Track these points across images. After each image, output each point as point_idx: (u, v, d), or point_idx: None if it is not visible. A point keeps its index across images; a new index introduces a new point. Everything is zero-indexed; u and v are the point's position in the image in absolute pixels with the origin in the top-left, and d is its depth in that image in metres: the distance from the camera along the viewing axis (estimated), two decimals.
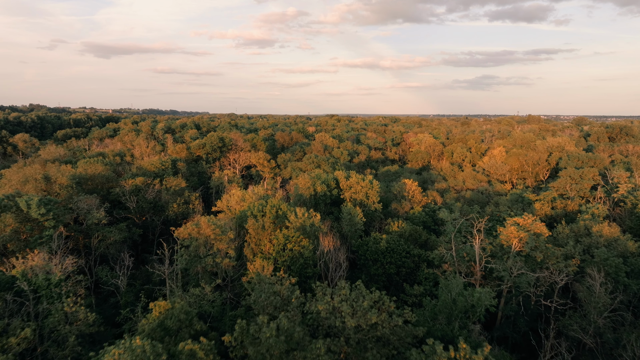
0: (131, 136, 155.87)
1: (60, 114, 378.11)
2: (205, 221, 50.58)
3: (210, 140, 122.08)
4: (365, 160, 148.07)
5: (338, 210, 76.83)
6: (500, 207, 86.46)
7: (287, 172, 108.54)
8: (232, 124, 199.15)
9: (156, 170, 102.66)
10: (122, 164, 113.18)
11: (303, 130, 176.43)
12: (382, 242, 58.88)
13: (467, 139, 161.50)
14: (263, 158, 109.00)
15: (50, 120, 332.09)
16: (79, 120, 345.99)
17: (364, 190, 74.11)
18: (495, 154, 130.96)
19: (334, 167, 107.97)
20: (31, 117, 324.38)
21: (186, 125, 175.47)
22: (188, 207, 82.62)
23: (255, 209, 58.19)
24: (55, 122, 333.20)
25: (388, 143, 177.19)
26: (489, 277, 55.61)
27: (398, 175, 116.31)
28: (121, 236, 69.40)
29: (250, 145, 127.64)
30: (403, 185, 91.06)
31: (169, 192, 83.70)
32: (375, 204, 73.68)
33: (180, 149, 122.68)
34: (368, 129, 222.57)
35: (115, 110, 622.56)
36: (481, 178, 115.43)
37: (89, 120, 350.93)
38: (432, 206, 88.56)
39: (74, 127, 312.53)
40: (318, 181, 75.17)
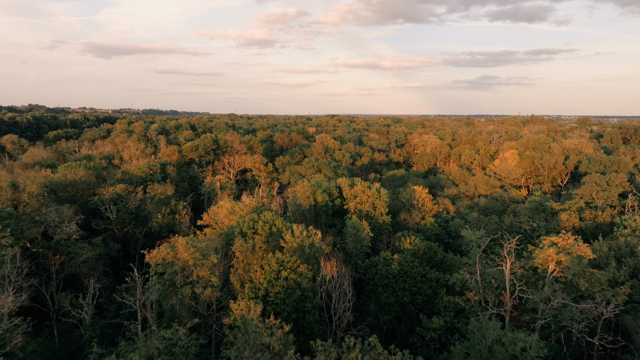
0: (122, 137, 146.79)
1: (56, 115, 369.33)
2: (182, 244, 41.45)
3: (204, 142, 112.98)
4: (368, 163, 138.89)
5: (341, 222, 67.69)
6: (521, 217, 77.30)
7: (285, 176, 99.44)
8: (229, 125, 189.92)
9: (143, 175, 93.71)
10: (108, 168, 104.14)
11: (303, 131, 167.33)
12: (393, 264, 49.72)
13: (475, 141, 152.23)
14: (259, 162, 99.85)
15: (46, 120, 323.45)
16: (76, 120, 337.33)
17: (371, 200, 64.98)
18: (507, 156, 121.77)
19: (335, 171, 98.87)
20: (27, 117, 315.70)
21: (181, 126, 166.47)
22: (174, 218, 73.54)
23: (245, 225, 49.08)
24: (51, 122, 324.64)
25: (392, 144, 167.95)
26: (521, 307, 46.59)
27: (405, 180, 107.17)
28: (94, 253, 60.34)
29: (246, 147, 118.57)
30: (412, 192, 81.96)
31: (153, 201, 74.61)
32: (383, 216, 64.54)
33: (171, 152, 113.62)
34: (370, 129, 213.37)
35: (115, 110, 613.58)
36: (494, 183, 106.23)
37: (86, 121, 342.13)
38: (445, 216, 79.49)
39: (70, 128, 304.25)
40: (319, 190, 66.05)
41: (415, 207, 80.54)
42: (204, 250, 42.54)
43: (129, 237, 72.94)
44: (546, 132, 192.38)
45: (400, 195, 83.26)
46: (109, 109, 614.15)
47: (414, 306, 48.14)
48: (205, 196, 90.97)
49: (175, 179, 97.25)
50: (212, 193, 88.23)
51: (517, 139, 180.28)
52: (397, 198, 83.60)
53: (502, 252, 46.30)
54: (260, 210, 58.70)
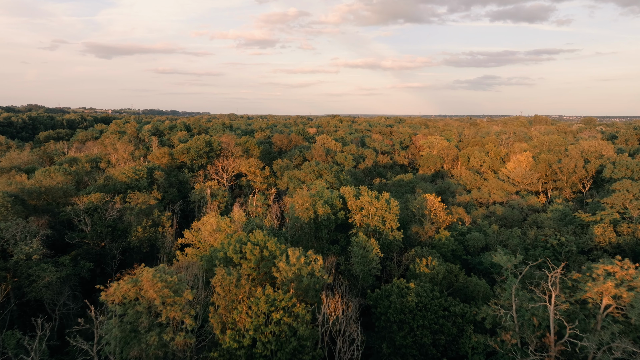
0: (112, 139, 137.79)
1: (53, 115, 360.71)
2: (148, 278, 32.51)
3: (196, 144, 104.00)
4: (372, 166, 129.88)
5: (345, 238, 58.73)
6: (545, 230, 68.28)
7: (283, 182, 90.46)
8: (226, 125, 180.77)
9: (128, 180, 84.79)
10: (92, 173, 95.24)
11: (303, 132, 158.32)
12: (410, 296, 40.72)
13: (483, 142, 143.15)
14: (255, 166, 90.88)
15: (42, 120, 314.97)
16: (73, 120, 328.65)
17: (379, 213, 55.97)
18: (521, 159, 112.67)
19: (338, 176, 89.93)
20: (22, 117, 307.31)
21: (175, 127, 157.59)
22: (157, 231, 64.58)
23: (230, 248, 40.11)
24: (47, 122, 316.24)
25: (396, 146, 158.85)
26: (568, 353, 37.63)
27: (412, 186, 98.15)
28: (59, 275, 51.41)
29: (242, 149, 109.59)
30: (424, 201, 72.97)
31: (133, 212, 65.66)
32: (394, 232, 55.52)
33: (161, 154, 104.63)
34: (373, 130, 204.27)
35: (115, 110, 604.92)
36: (509, 189, 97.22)
37: (83, 121, 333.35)
38: (460, 228, 70.48)
39: (67, 128, 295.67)
40: (319, 201, 57.06)
41: (426, 218, 71.58)
42: (177, 285, 33.57)
43: (106, 252, 64.00)
44: (556, 132, 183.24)
45: (410, 204, 74.27)
46: (109, 109, 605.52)
47: (436, 349, 39.13)
48: (196, 204, 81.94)
49: (163, 185, 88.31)
50: (202, 201, 79.29)
51: (527, 140, 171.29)
52: (407, 207, 74.62)
53: (545, 285, 37.25)
54: (251, 227, 49.71)
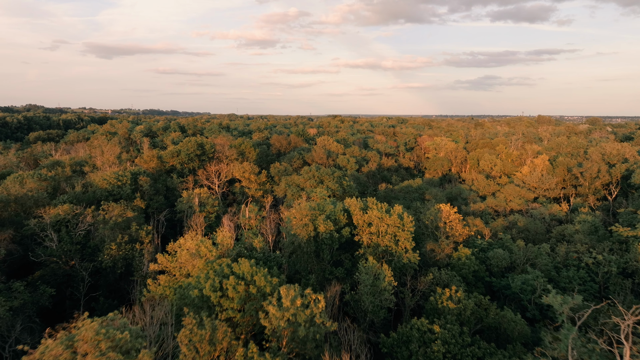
0: (101, 140, 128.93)
1: (50, 115, 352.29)
2: (89, 336, 23.63)
3: (187, 146, 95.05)
4: (376, 169, 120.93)
5: (351, 260, 49.78)
6: (578, 246, 59.32)
7: (280, 189, 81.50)
8: (222, 126, 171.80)
9: (109, 187, 76.07)
10: (73, 178, 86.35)
11: (303, 133, 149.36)
12: (435, 344, 31.78)
13: (493, 144, 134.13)
14: (249, 170, 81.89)
15: (38, 121, 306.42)
16: (69, 121, 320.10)
17: (391, 230, 47.00)
18: (537, 163, 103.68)
19: (340, 182, 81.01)
20: (17, 117, 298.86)
21: (169, 127, 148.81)
22: (134, 249, 55.60)
23: (207, 283, 31.23)
24: (43, 123, 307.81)
25: (400, 148, 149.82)
26: None
27: (421, 193, 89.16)
28: (8, 306, 42.54)
29: (237, 152, 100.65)
30: (438, 212, 64.01)
31: (107, 226, 56.71)
32: (409, 253, 46.53)
33: (149, 158, 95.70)
34: (375, 130, 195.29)
35: (114, 110, 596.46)
36: (527, 195, 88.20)
37: (80, 121, 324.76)
38: (480, 243, 61.57)
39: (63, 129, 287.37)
40: (321, 216, 48.12)
41: (441, 231, 62.66)
42: (129, 343, 24.69)
43: (76, 273, 55.06)
44: (567, 133, 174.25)
45: (422, 215, 65.28)
46: (109, 109, 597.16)
47: None
48: (185, 214, 72.86)
49: (148, 192, 79.41)
50: (189, 211, 70.34)
51: (537, 141, 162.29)
52: (418, 218, 65.64)
53: (613, 335, 28.31)
54: (238, 250, 40.73)
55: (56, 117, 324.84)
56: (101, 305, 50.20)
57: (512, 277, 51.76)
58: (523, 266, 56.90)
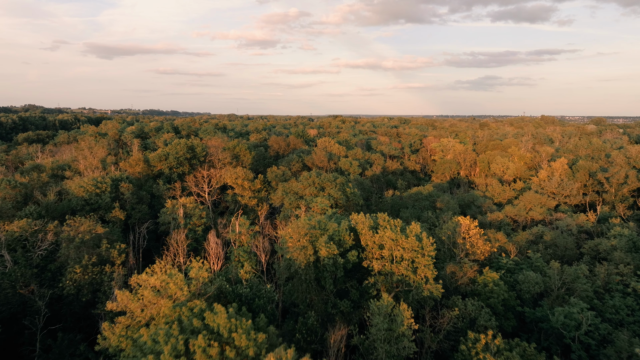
0: (89, 142, 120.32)
1: (45, 115, 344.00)
2: None
3: (175, 149, 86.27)
4: (380, 173, 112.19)
5: (357, 288, 41.01)
6: (621, 267, 50.53)
7: (277, 197, 72.75)
8: (219, 127, 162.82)
9: (86, 195, 67.53)
10: (49, 185, 77.66)
11: (303, 134, 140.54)
12: None
13: (505, 146, 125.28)
14: (242, 176, 73.07)
15: (33, 121, 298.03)
16: (66, 121, 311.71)
17: (408, 255, 38.23)
18: (556, 167, 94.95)
19: (343, 189, 72.27)
20: (12, 118, 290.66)
21: (162, 128, 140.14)
22: (103, 272, 46.79)
23: (167, 347, 22.48)
24: (39, 123, 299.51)
25: (405, 150, 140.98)
26: None
27: (432, 200, 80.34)
28: None
29: (230, 155, 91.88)
30: (456, 226, 55.30)
31: (72, 244, 47.96)
32: (429, 284, 37.71)
33: (134, 161, 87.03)
34: (378, 131, 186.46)
35: (114, 111, 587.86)
36: (548, 203, 79.38)
37: (77, 122, 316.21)
38: (506, 263, 52.86)
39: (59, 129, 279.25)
40: (322, 237, 39.36)
41: (459, 248, 53.99)
42: None
43: (34, 301, 46.26)
44: (578, 134, 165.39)
45: (437, 229, 56.53)
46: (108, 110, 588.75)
47: None
48: (172, 225, 63.91)
49: (130, 201, 70.72)
50: (174, 223, 61.55)
51: (548, 142, 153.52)
52: (433, 233, 56.87)
53: None
54: (218, 288, 31.90)
55: (52, 118, 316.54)
56: (59, 342, 41.49)
57: (550, 309, 43.07)
58: (558, 291, 48.21)
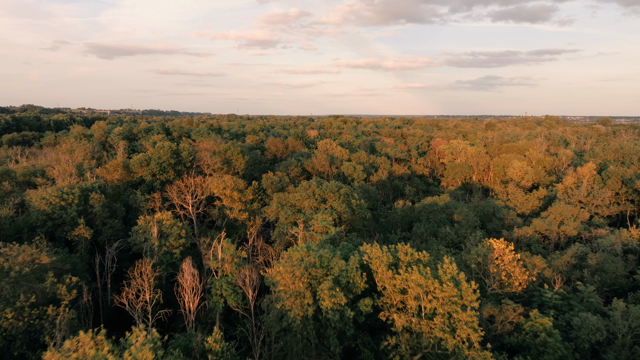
0: (70, 144, 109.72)
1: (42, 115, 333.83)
2: None
3: (158, 154, 75.53)
4: (387, 179, 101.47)
5: (371, 347, 30.20)
6: None
7: (271, 210, 62.01)
8: (214, 128, 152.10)
9: (49, 209, 57.09)
10: (12, 195, 67.00)
11: (302, 136, 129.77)
12: None
13: (521, 148, 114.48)
14: (230, 186, 62.23)
15: (27, 121, 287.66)
16: (61, 121, 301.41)
17: (444, 308, 27.45)
18: (584, 172, 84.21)
19: (348, 201, 61.59)
20: (5, 118, 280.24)
21: (152, 129, 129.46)
22: (44, 315, 36.08)
23: None
24: (33, 123, 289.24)
25: (412, 152, 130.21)
26: None
27: (450, 213, 69.56)
28: None
29: (221, 160, 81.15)
30: (487, 250, 44.63)
31: (5, 280, 37.23)
32: (474, 351, 26.87)
33: (112, 168, 76.41)
34: (381, 132, 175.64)
35: (114, 111, 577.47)
36: (582, 215, 68.60)
37: (72, 122, 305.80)
38: (550, 297, 42.12)
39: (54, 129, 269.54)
40: (325, 281, 28.60)
41: (491, 278, 43.36)
42: None
43: None
44: (595, 135, 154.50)
45: (465, 256, 45.81)
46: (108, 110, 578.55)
47: None
48: (144, 247, 52.98)
49: (101, 215, 60.07)
50: (147, 245, 50.76)
51: (562, 143, 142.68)
52: (459, 258, 46.16)
53: None
54: None
55: (46, 118, 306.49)
56: None
57: None
58: (624, 339, 37.54)
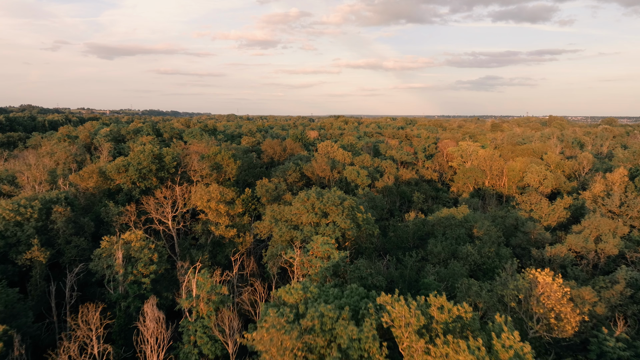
0: (49, 147, 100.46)
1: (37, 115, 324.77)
2: None
3: (138, 158, 66.10)
4: (393, 185, 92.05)
5: None
6: None
7: (263, 226, 52.66)
8: (207, 129, 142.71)
9: (1, 225, 48.00)
10: None
11: (301, 137, 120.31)
12: None
13: (538, 151, 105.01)
14: (216, 197, 52.69)
15: (21, 121, 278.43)
16: (56, 122, 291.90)
17: None
18: (614, 179, 74.90)
19: (352, 215, 52.20)
20: None
21: (141, 130, 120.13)
22: None
23: None
24: (27, 123, 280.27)
25: (419, 155, 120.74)
26: None
27: (469, 227, 60.04)
28: None
29: (210, 165, 71.75)
30: (531, 284, 35.25)
31: None
32: None
33: (87, 174, 67.04)
34: (384, 133, 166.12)
35: (113, 111, 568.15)
36: (621, 229, 59.11)
37: (68, 122, 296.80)
38: (612, 346, 32.72)
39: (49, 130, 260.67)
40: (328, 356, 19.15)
41: (534, 318, 33.97)
42: None
43: None
44: (609, 137, 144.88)
45: (498, 288, 36.38)
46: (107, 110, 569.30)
47: None
48: (109, 276, 43.25)
49: (64, 233, 50.73)
50: (111, 272, 41.36)
51: (577, 146, 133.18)
52: (492, 291, 36.79)
53: None
54: None
55: (41, 118, 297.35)
56: None
57: None
58: None
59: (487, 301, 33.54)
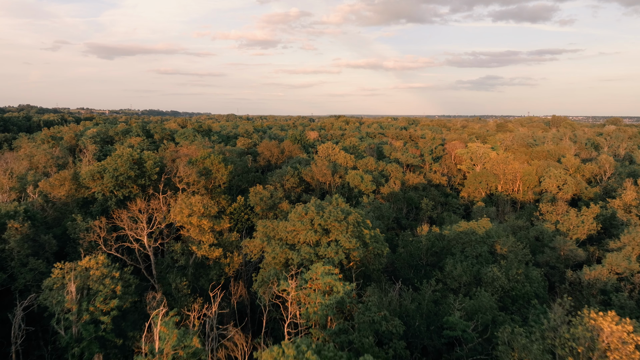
0: (28, 149, 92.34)
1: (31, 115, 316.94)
2: None
3: (115, 163, 57.80)
4: (400, 190, 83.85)
5: None
6: None
7: (254, 245, 44.48)
8: (202, 129, 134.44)
9: None
10: None
11: (301, 138, 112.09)
12: None
13: (555, 153, 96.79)
14: (198, 211, 44.49)
15: (16, 121, 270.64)
16: (51, 121, 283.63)
17: None
18: None
19: (358, 231, 44.06)
20: None
21: (130, 131, 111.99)
22: None
23: None
24: (22, 123, 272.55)
25: (426, 157, 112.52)
26: None
27: (491, 243, 51.79)
28: None
29: (198, 171, 63.53)
30: (592, 334, 26.98)
31: None
32: None
33: (59, 181, 58.89)
34: (387, 133, 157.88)
35: (113, 111, 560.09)
36: None
37: (64, 122, 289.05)
38: None
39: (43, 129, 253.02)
40: None
41: None
42: None
43: None
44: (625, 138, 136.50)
45: (548, 334, 28.16)
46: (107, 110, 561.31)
47: None
48: (58, 314, 34.94)
49: (19, 254, 42.51)
50: (59, 309, 33.14)
51: (591, 148, 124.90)
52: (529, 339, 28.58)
53: None
54: None
55: (36, 118, 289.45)
56: None
57: None
58: None
59: (539, 358, 25.38)
